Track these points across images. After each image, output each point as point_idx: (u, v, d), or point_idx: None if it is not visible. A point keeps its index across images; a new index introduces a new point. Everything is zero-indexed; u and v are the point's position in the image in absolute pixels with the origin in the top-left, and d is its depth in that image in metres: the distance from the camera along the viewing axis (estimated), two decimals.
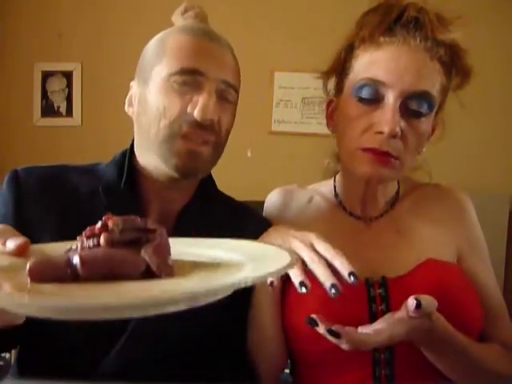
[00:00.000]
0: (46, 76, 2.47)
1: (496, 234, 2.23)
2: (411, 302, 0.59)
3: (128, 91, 0.78)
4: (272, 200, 0.90)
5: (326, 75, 0.83)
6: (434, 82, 0.71)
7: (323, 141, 0.88)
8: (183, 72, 0.68)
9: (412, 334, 0.62)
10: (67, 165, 0.78)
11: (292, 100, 2.43)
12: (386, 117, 0.70)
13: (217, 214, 0.80)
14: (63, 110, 2.48)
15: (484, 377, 0.70)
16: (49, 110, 2.48)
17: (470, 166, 2.32)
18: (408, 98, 0.70)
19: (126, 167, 0.75)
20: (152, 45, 0.74)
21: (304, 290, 0.58)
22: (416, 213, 0.83)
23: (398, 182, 0.86)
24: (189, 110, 0.68)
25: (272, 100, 2.44)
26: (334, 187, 0.88)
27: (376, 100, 0.71)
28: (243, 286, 0.37)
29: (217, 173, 0.82)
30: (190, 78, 0.68)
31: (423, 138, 0.74)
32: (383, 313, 0.70)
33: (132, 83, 0.77)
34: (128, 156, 0.77)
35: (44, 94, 2.47)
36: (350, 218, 0.83)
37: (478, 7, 2.12)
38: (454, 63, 0.74)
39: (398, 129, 0.69)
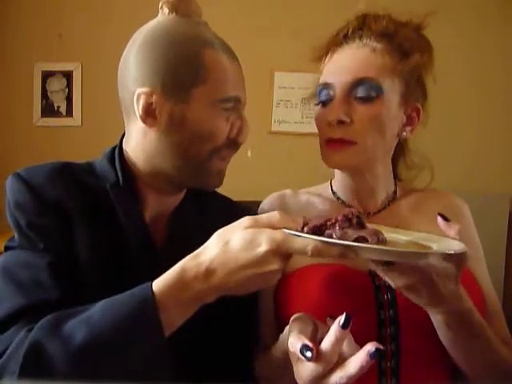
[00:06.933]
0: (46, 76, 2.47)
1: (496, 235, 2.23)
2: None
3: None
4: (268, 205, 0.90)
5: None
6: (378, 69, 0.77)
7: None
8: (230, 99, 0.72)
9: (441, 285, 0.58)
10: (69, 162, 0.77)
11: (292, 100, 2.43)
12: (332, 108, 0.79)
13: (212, 213, 0.81)
14: (63, 110, 2.48)
15: (495, 368, 0.68)
16: (49, 110, 2.48)
17: (470, 166, 2.32)
18: (352, 87, 0.78)
19: (119, 166, 0.76)
20: (175, 55, 0.69)
21: (309, 354, 0.50)
22: (415, 211, 0.85)
23: (395, 183, 0.89)
24: (233, 135, 0.74)
25: (272, 100, 2.43)
26: (331, 185, 0.91)
27: (330, 100, 0.80)
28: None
29: None
30: (232, 105, 0.73)
31: (383, 119, 0.78)
32: (389, 302, 0.73)
33: (146, 90, 0.69)
34: (119, 156, 0.77)
35: (44, 93, 2.47)
36: None
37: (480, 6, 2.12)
38: (398, 45, 0.79)
39: (341, 115, 0.77)
